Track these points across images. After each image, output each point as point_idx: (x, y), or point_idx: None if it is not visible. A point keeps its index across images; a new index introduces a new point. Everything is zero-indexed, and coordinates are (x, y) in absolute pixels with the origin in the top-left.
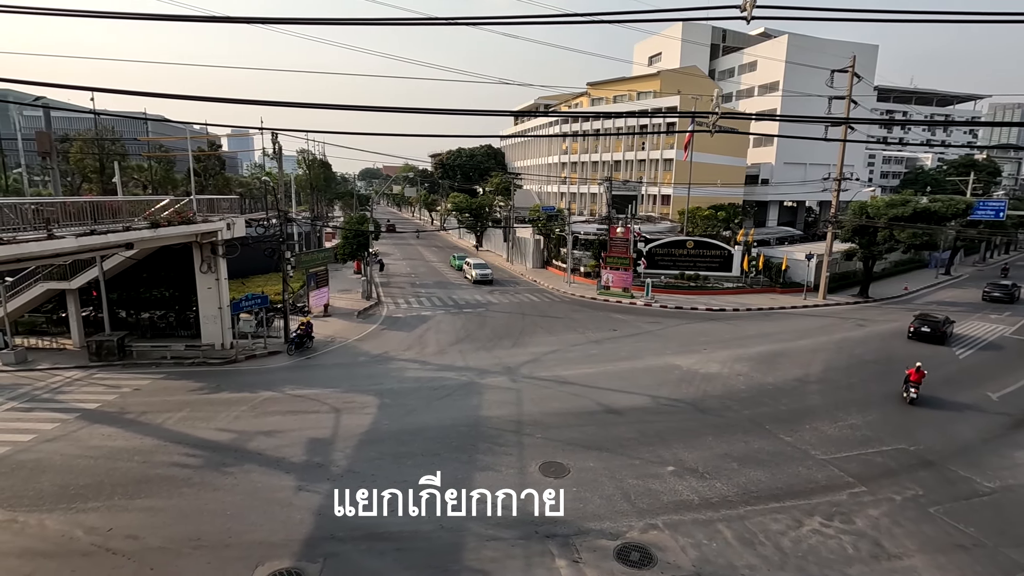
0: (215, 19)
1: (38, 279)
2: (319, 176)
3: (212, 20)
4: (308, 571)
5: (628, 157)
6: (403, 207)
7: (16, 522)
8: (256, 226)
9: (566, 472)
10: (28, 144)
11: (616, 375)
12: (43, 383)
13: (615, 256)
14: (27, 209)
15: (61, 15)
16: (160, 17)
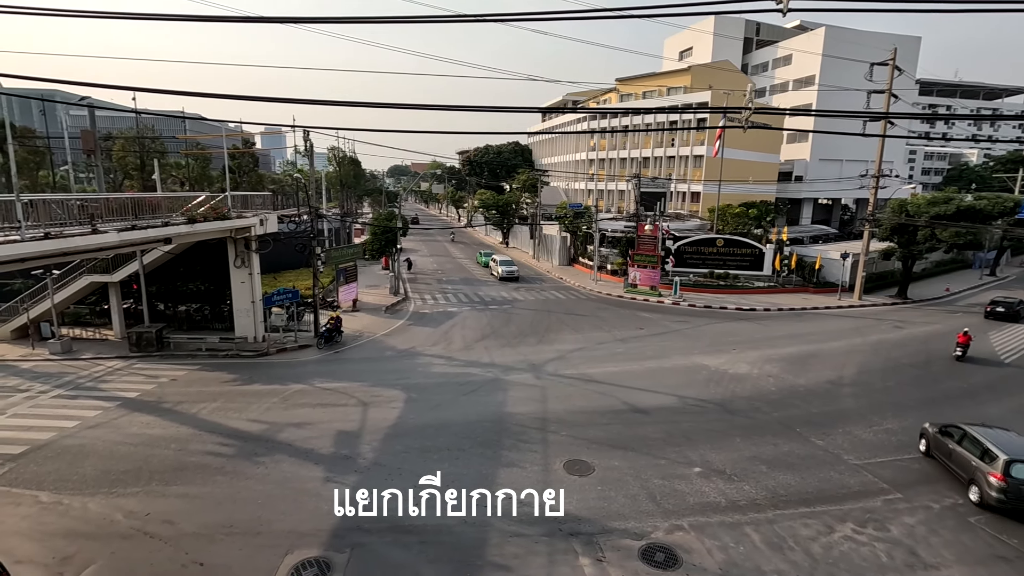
0: (248, 19)
1: (82, 272)
2: (349, 173)
3: (245, 20)
4: (335, 561)
5: (657, 154)
6: (431, 204)
7: (61, 504)
8: (288, 222)
9: (591, 470)
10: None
11: (642, 374)
12: (87, 372)
13: (643, 254)
14: (73, 205)
15: (102, 18)
16: (196, 18)
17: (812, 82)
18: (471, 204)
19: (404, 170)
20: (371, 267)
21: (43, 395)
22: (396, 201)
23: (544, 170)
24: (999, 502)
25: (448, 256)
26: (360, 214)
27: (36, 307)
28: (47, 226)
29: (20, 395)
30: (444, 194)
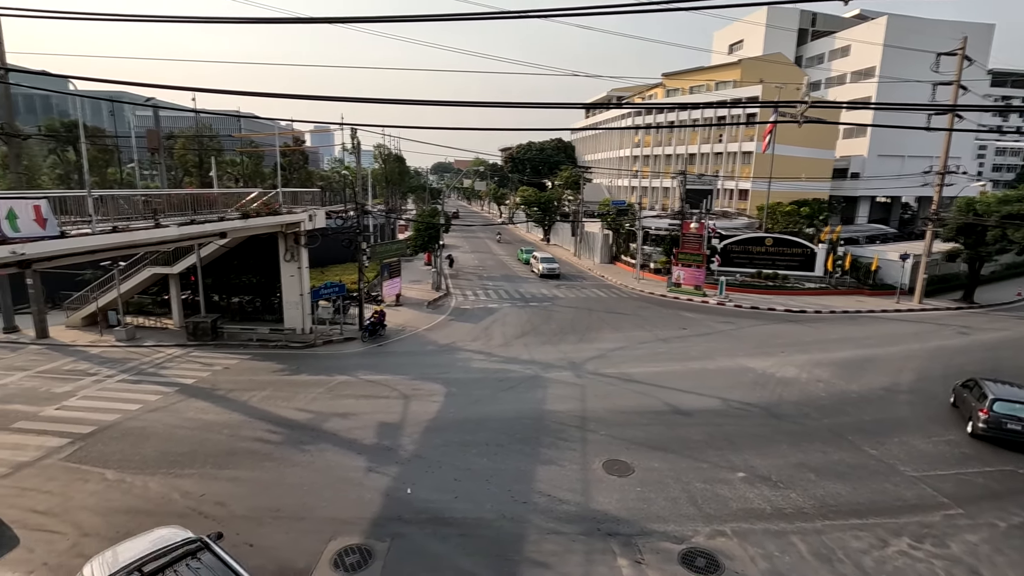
0: (299, 20)
1: (146, 264)
2: (394, 170)
3: (295, 21)
4: (376, 549)
5: (704, 150)
6: (472, 201)
7: (124, 482)
8: (335, 218)
9: (630, 471)
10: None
11: (685, 375)
12: (148, 358)
13: (687, 252)
14: (138, 200)
15: (164, 22)
16: (251, 20)
17: (872, 74)
18: (513, 201)
19: (447, 167)
20: (414, 263)
21: (109, 379)
22: (439, 198)
23: (587, 167)
24: (982, 431)
25: (489, 252)
26: (404, 210)
27: (104, 296)
28: (115, 220)
29: (89, 379)
30: (486, 191)
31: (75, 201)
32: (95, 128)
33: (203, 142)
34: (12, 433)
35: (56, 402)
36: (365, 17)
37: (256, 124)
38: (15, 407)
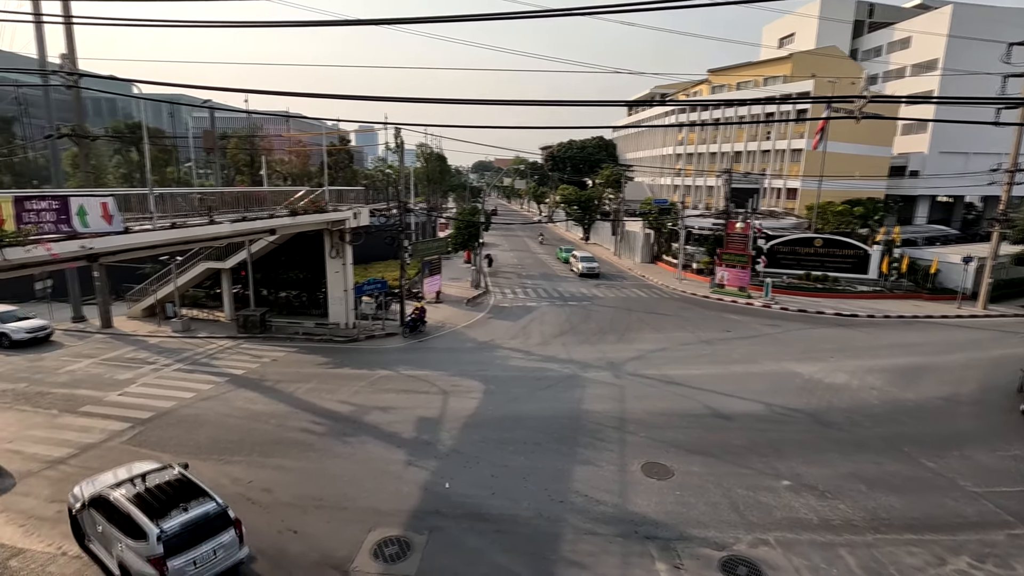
0: (345, 23)
1: (200, 259)
2: (435, 169)
3: (341, 24)
4: (415, 542)
5: (751, 148)
6: (512, 199)
7: None
8: (378, 216)
9: (669, 474)
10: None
11: (727, 378)
12: (202, 349)
13: (732, 253)
14: (194, 198)
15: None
16: (301, 24)
17: (934, 66)
18: (552, 199)
19: (488, 166)
20: (454, 260)
21: (166, 368)
22: (479, 196)
23: (628, 165)
24: None
25: (528, 251)
26: (445, 209)
27: (162, 289)
28: (173, 217)
29: (148, 367)
30: (526, 189)
31: (137, 199)
32: (156, 129)
33: (254, 142)
34: (80, 416)
35: (119, 388)
36: (410, 19)
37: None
38: (83, 392)
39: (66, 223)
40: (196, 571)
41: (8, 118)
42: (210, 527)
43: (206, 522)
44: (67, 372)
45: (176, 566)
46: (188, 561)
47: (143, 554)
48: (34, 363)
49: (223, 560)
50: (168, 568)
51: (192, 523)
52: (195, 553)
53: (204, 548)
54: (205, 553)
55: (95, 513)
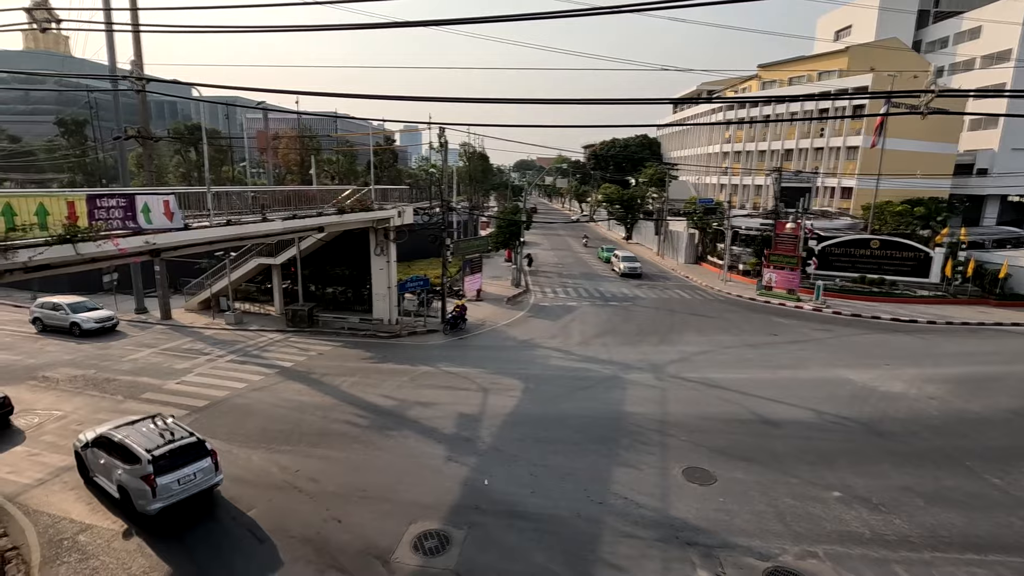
0: (394, 24)
1: (252, 255)
2: (478, 168)
3: (384, 26)
4: (454, 536)
5: (802, 145)
6: (554, 198)
7: (231, 453)
8: (422, 214)
9: (712, 480)
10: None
11: (774, 383)
12: (253, 342)
13: (781, 254)
14: (248, 197)
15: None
16: (349, 27)
17: (1007, 57)
18: (594, 198)
19: (530, 165)
20: (494, 259)
21: (220, 359)
22: (521, 195)
23: (673, 164)
24: None
25: (569, 250)
26: (486, 207)
27: (217, 284)
28: (229, 214)
29: (204, 357)
30: (567, 188)
31: (195, 197)
32: (212, 130)
33: (304, 142)
34: (141, 403)
35: (176, 377)
36: (456, 20)
37: (351, 124)
38: (144, 379)
39: (132, 220)
40: (180, 488)
41: (81, 121)
42: (192, 454)
43: (188, 450)
44: (130, 360)
45: (164, 483)
46: (173, 480)
47: (138, 474)
48: (102, 351)
49: (202, 482)
50: (157, 484)
51: (176, 451)
52: (179, 474)
53: (186, 471)
54: (187, 474)
55: (97, 450)
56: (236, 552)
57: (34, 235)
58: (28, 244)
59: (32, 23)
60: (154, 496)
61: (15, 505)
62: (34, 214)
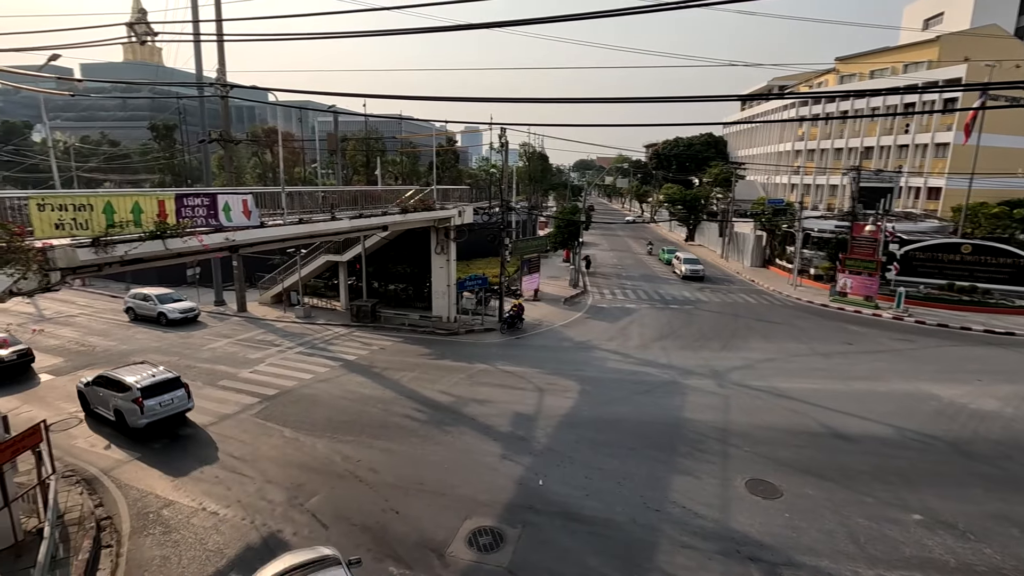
0: (459, 27)
1: (321, 252)
2: (537, 168)
3: (450, 29)
4: (508, 534)
5: (884, 142)
6: (613, 198)
7: (298, 441)
8: (481, 214)
9: (777, 494)
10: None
11: (848, 396)
12: (319, 335)
13: (857, 258)
14: (318, 197)
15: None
16: (412, 31)
17: None
18: (655, 198)
19: (589, 164)
20: (552, 259)
21: (289, 351)
22: (580, 195)
23: (740, 163)
24: None
25: (629, 251)
26: (545, 207)
27: (288, 279)
28: (300, 213)
29: (275, 349)
30: (628, 188)
31: (271, 196)
32: (286, 133)
33: (370, 144)
34: (218, 389)
35: (250, 366)
36: (519, 20)
37: (414, 126)
38: (221, 368)
39: (214, 217)
40: (161, 409)
41: (171, 126)
42: (170, 386)
43: (167, 382)
44: (209, 349)
45: (149, 404)
46: (156, 402)
47: (129, 399)
48: (184, 340)
49: (178, 406)
50: (144, 405)
51: (157, 383)
52: (160, 398)
53: (165, 396)
54: (166, 399)
55: (96, 387)
56: (303, 539)
57: (129, 231)
58: (124, 239)
59: (132, 36)
60: (142, 413)
61: (109, 478)
62: (130, 212)
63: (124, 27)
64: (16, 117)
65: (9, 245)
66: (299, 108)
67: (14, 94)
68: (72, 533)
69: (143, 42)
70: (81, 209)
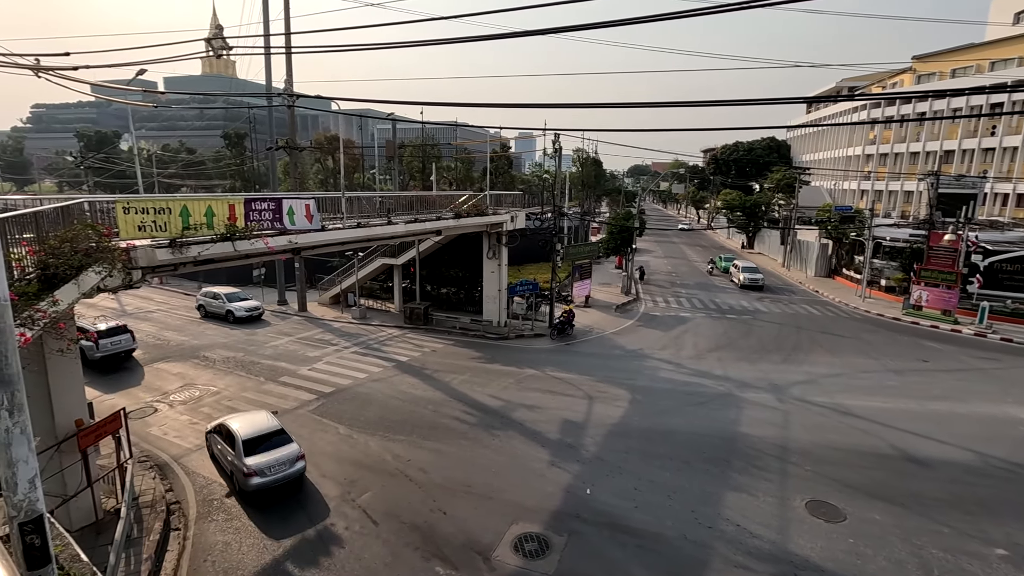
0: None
1: (377, 255)
2: (590, 173)
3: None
4: (554, 542)
5: (967, 145)
6: (668, 204)
7: (352, 438)
8: (533, 219)
9: (841, 517)
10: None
11: (923, 416)
12: (374, 336)
13: (935, 269)
14: (376, 201)
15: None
16: (465, 40)
17: None
18: (713, 205)
19: (644, 170)
20: (604, 265)
21: (346, 350)
22: (634, 201)
23: (804, 168)
24: None
25: (683, 258)
26: (598, 213)
27: (346, 281)
28: (359, 217)
29: (331, 348)
30: (684, 194)
31: (331, 201)
32: (347, 140)
33: (426, 150)
34: (279, 385)
35: (309, 364)
36: (576, 26)
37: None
38: (282, 364)
39: (279, 221)
40: (272, 474)
41: (242, 134)
42: (279, 441)
43: (275, 436)
44: (271, 347)
45: (253, 464)
46: (264, 464)
47: (241, 470)
48: (249, 337)
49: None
50: (249, 467)
51: (264, 437)
52: (267, 458)
53: (273, 455)
54: (272, 460)
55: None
56: (355, 533)
57: (202, 233)
58: (198, 241)
59: (210, 51)
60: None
61: (179, 465)
62: (203, 215)
63: (203, 42)
64: (108, 127)
65: (98, 245)
66: (360, 116)
67: (106, 106)
68: (145, 515)
69: (219, 56)
70: (161, 212)
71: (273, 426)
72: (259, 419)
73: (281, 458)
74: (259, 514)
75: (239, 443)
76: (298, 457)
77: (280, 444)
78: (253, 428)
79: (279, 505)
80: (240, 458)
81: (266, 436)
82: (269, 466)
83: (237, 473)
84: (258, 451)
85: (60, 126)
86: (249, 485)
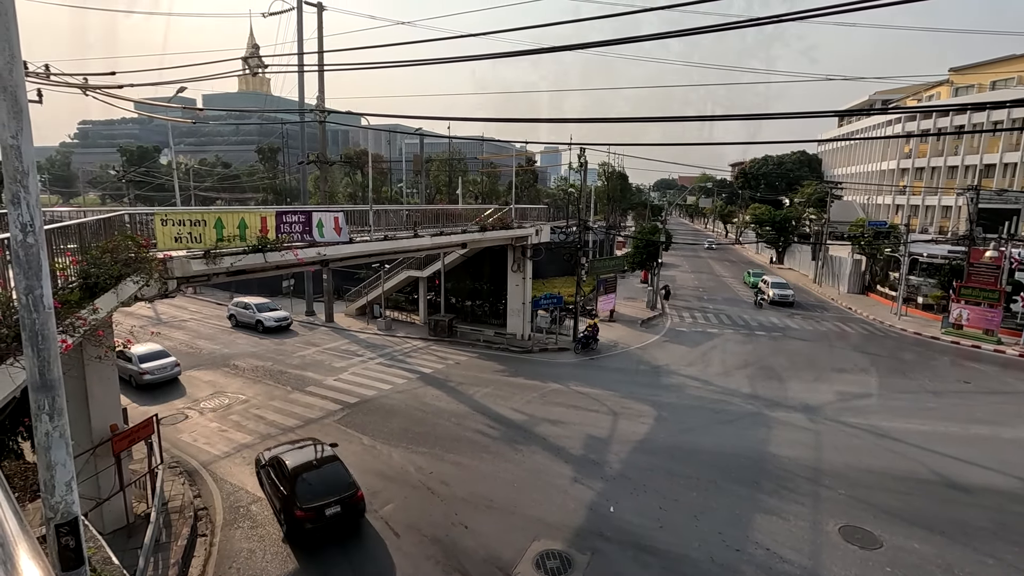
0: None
1: (402, 268)
2: (616, 187)
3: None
4: (576, 560)
5: (1009, 159)
6: (695, 218)
7: (375, 448)
8: (558, 233)
9: (877, 544)
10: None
11: (965, 441)
12: (399, 347)
13: (975, 287)
14: (402, 214)
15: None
16: (493, 56)
17: None
18: (741, 219)
19: (671, 184)
20: (629, 279)
21: (371, 361)
22: (660, 215)
23: (836, 182)
24: None
25: (711, 273)
26: (624, 227)
27: (372, 292)
28: (386, 230)
29: (357, 359)
30: (711, 208)
31: (359, 214)
32: (376, 155)
33: (453, 164)
34: (305, 395)
35: (335, 374)
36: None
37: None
38: (309, 374)
39: (308, 233)
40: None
41: (275, 149)
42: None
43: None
44: (299, 356)
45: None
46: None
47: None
48: (278, 346)
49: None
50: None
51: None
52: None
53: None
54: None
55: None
56: (377, 543)
57: (235, 245)
58: (230, 252)
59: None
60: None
61: (207, 472)
62: (236, 227)
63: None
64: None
65: (137, 255)
66: (388, 131)
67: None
68: (174, 520)
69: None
70: (196, 224)
71: None
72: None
73: None
74: None
75: None
76: None
77: None
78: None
79: None
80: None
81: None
82: None
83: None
84: None
85: (105, 141)
86: None
